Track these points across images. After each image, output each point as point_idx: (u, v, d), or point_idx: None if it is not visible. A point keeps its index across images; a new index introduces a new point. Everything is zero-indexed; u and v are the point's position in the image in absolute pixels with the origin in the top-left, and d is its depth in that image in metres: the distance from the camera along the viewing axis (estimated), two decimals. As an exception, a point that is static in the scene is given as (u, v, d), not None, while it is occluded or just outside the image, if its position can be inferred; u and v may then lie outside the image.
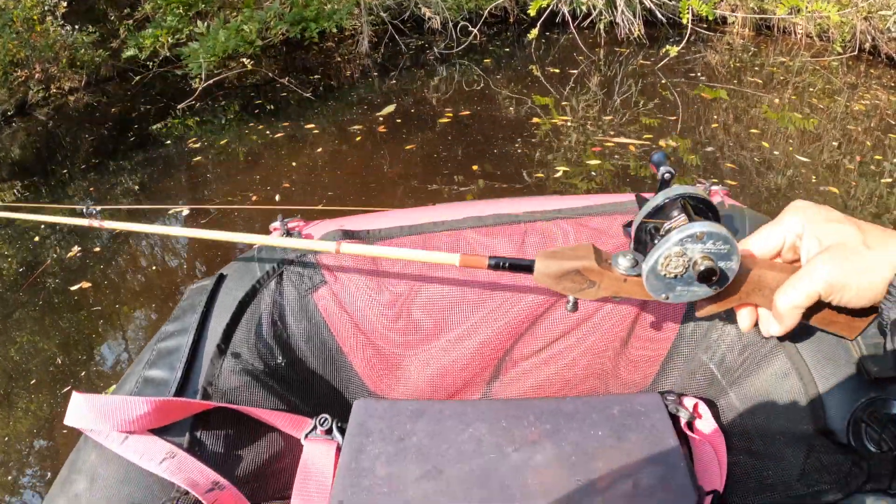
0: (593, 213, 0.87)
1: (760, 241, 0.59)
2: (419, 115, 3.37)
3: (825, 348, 0.66)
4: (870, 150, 2.68)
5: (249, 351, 0.79)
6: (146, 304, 2.06)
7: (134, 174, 2.96)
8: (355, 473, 0.64)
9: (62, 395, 1.72)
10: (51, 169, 3.07)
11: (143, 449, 0.64)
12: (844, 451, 0.59)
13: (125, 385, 0.73)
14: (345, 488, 0.63)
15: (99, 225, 0.90)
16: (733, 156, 2.71)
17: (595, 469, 0.63)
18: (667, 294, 0.58)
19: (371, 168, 2.81)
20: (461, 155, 2.87)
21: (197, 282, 0.87)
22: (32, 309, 2.05)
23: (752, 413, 0.70)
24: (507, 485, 0.62)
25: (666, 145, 2.80)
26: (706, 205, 0.59)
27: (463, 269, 0.83)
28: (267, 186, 2.72)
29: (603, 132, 2.97)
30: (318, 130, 3.26)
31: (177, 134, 3.37)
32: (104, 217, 0.91)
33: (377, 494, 0.62)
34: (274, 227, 0.92)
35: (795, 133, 2.89)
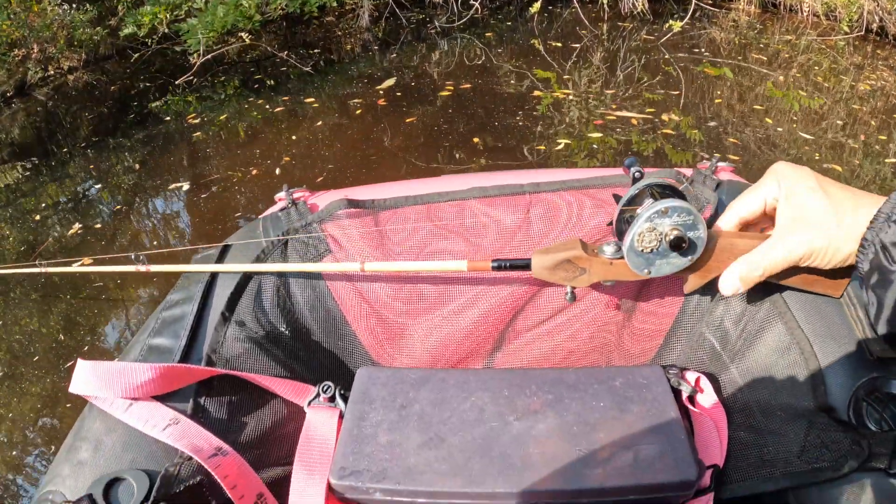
0: (597, 185, 0.87)
1: (743, 205, 0.65)
2: (420, 88, 3.35)
3: (827, 326, 0.66)
4: (874, 130, 2.66)
5: (253, 320, 0.79)
6: (148, 280, 2.06)
7: (134, 151, 2.95)
8: (357, 440, 0.64)
9: (65, 370, 1.72)
10: (51, 149, 3.06)
11: (147, 416, 0.65)
12: (845, 428, 0.58)
13: (130, 353, 0.74)
14: (346, 455, 0.63)
15: (146, 270, 0.92)
16: (737, 132, 2.69)
17: (597, 439, 0.63)
18: (648, 269, 0.66)
19: (371, 141, 2.80)
20: (462, 128, 2.85)
21: (202, 252, 0.87)
22: (34, 287, 2.06)
23: (753, 388, 0.70)
24: (508, 454, 0.62)
25: (668, 119, 2.78)
26: (671, 189, 0.67)
27: (467, 241, 0.83)
28: (267, 160, 2.71)
29: (605, 106, 2.95)
30: (318, 104, 3.24)
31: (176, 110, 3.36)
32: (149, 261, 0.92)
33: (379, 461, 0.62)
34: (279, 197, 0.92)
35: (800, 111, 2.87)
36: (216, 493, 0.63)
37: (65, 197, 2.61)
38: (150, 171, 2.75)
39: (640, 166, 0.70)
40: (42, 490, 0.62)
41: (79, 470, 0.62)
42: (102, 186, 2.67)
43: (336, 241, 0.83)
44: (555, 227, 0.83)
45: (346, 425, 0.66)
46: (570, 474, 0.60)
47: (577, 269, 0.70)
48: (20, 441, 1.57)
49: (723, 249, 0.66)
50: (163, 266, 0.90)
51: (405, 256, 0.83)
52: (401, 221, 0.85)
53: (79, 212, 2.48)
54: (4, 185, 2.74)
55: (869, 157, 2.45)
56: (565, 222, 0.83)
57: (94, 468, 0.62)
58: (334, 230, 0.84)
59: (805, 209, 0.57)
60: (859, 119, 2.77)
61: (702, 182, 0.86)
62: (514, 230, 0.83)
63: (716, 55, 3.67)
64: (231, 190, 2.53)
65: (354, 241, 0.83)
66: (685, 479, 0.60)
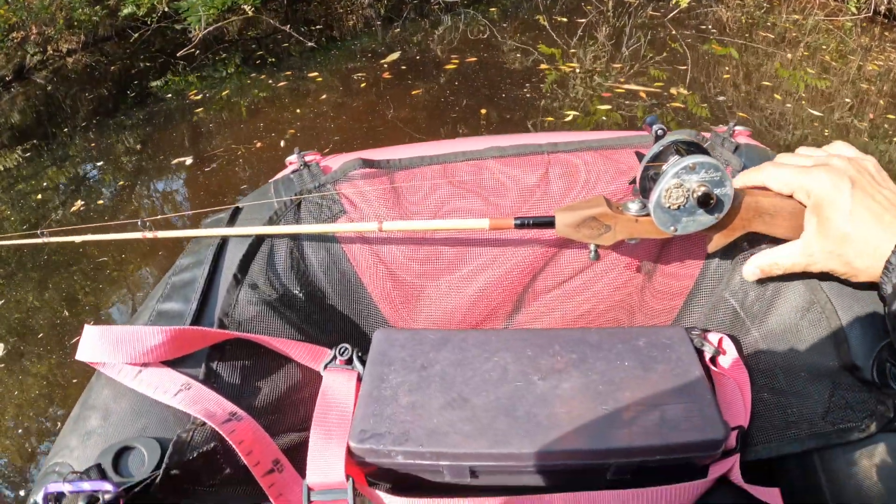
0: (616, 146, 0.85)
1: (776, 175, 0.64)
2: (424, 62, 3.32)
3: (848, 284, 0.65)
4: (883, 110, 2.63)
5: (266, 282, 0.77)
6: (151, 253, 2.05)
7: (136, 130, 2.93)
8: (377, 402, 0.63)
9: (70, 345, 1.72)
10: (52, 132, 3.04)
11: (158, 382, 0.63)
12: (870, 389, 0.58)
13: (139, 319, 0.72)
14: (367, 417, 0.62)
15: (153, 236, 0.88)
16: (745, 107, 2.67)
17: (622, 398, 0.62)
18: (674, 226, 0.66)
19: (377, 113, 2.79)
20: (469, 100, 2.83)
21: (212, 215, 0.85)
22: (36, 264, 2.04)
23: (774, 349, 0.69)
24: (533, 413, 0.61)
25: (677, 93, 2.75)
26: (696, 146, 0.66)
27: (485, 200, 0.81)
28: (272, 133, 2.70)
29: (612, 80, 2.92)
30: (322, 79, 3.22)
31: (178, 89, 3.34)
32: (156, 228, 0.90)
33: (400, 423, 0.61)
34: (290, 161, 0.90)
35: (808, 90, 2.84)
36: (230, 459, 0.61)
37: (66, 177, 2.60)
38: (152, 149, 2.74)
39: (661, 124, 0.69)
40: (49, 462, 0.60)
41: (87, 440, 0.60)
42: (104, 165, 2.65)
43: (351, 201, 0.81)
44: (574, 186, 0.81)
45: (364, 387, 0.65)
46: (597, 434, 0.59)
47: (601, 227, 0.69)
48: (25, 419, 1.56)
49: (748, 208, 0.66)
50: (171, 231, 0.87)
51: (423, 216, 0.81)
52: (417, 181, 0.83)
53: (81, 190, 2.47)
54: (4, 169, 2.72)
55: (876, 138, 2.42)
56: (585, 181, 0.81)
57: (102, 437, 0.60)
58: (349, 191, 0.82)
59: (829, 231, 0.57)
60: (867, 100, 2.75)
61: (720, 144, 0.84)
62: (532, 189, 0.81)
63: (722, 34, 3.62)
64: (235, 163, 2.51)
65: (370, 202, 0.81)
66: (712, 439, 0.59)
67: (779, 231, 0.68)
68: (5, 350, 1.74)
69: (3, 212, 2.38)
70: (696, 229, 0.66)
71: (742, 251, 0.76)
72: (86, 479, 0.55)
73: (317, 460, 0.61)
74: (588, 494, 0.59)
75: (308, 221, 0.81)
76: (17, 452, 1.48)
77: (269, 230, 0.78)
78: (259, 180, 2.30)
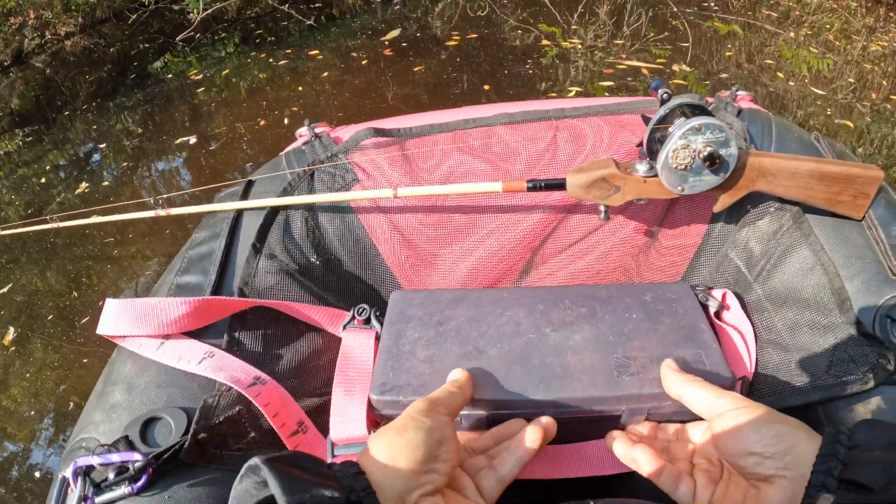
0: (622, 111, 0.87)
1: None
2: (425, 39, 3.29)
3: (850, 247, 0.67)
4: (886, 91, 2.62)
5: (284, 252, 0.78)
6: (157, 234, 2.05)
7: (137, 111, 2.91)
8: (396, 357, 0.65)
9: (80, 325, 1.72)
10: (51, 116, 3.01)
11: (181, 352, 0.64)
12: (871, 343, 0.59)
13: (157, 294, 0.73)
14: (386, 370, 0.63)
15: (165, 213, 0.90)
16: (748, 85, 2.65)
17: (632, 348, 0.64)
18: (682, 185, 0.68)
19: (379, 90, 2.77)
20: (471, 75, 2.82)
21: (224, 190, 0.86)
22: (43, 247, 2.05)
23: (778, 308, 0.70)
24: (547, 362, 0.63)
25: (679, 69, 2.74)
26: (701, 108, 0.68)
27: (496, 165, 0.83)
28: (274, 111, 2.69)
29: (614, 56, 2.91)
30: (323, 57, 3.20)
31: (177, 70, 3.30)
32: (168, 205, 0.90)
33: (419, 375, 0.63)
34: (300, 133, 0.91)
35: (811, 68, 2.83)
36: (255, 423, 0.63)
37: (68, 160, 2.58)
38: (154, 129, 2.72)
39: (666, 88, 0.71)
40: (75, 438, 0.61)
41: (112, 413, 0.61)
42: (106, 147, 2.64)
43: (363, 170, 0.83)
44: (582, 150, 0.83)
45: (383, 344, 0.67)
46: (610, 381, 0.60)
47: (611, 188, 0.71)
48: (37, 402, 1.57)
49: (752, 168, 0.68)
50: (184, 208, 0.88)
51: (435, 182, 0.82)
52: (429, 149, 0.84)
53: (84, 173, 2.45)
54: (6, 154, 2.71)
55: (878, 121, 2.40)
56: (592, 145, 0.83)
57: (128, 410, 0.61)
58: (361, 160, 0.83)
59: None
60: (871, 81, 2.73)
61: (724, 108, 0.87)
62: (541, 154, 0.83)
63: (725, 11, 3.60)
64: (239, 141, 2.51)
65: (383, 170, 0.82)
66: (719, 385, 0.60)
67: (780, 190, 0.70)
68: (15, 333, 1.74)
69: (6, 197, 2.38)
70: (703, 189, 0.69)
71: (747, 212, 0.78)
72: (114, 451, 0.56)
73: (339, 415, 0.63)
74: (596, 443, 0.61)
75: (322, 191, 0.82)
76: (30, 434, 1.50)
77: (284, 201, 0.79)
78: (264, 157, 2.29)
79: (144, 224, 2.09)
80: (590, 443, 0.62)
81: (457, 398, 0.53)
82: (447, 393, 0.53)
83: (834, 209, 0.70)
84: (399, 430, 0.46)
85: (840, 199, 0.69)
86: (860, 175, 0.68)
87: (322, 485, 0.38)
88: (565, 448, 0.61)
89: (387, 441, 0.44)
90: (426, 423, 0.47)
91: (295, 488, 0.36)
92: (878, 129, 2.34)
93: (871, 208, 0.69)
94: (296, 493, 0.36)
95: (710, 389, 0.52)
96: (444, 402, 0.51)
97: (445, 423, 0.48)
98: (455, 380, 0.57)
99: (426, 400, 0.50)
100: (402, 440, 0.44)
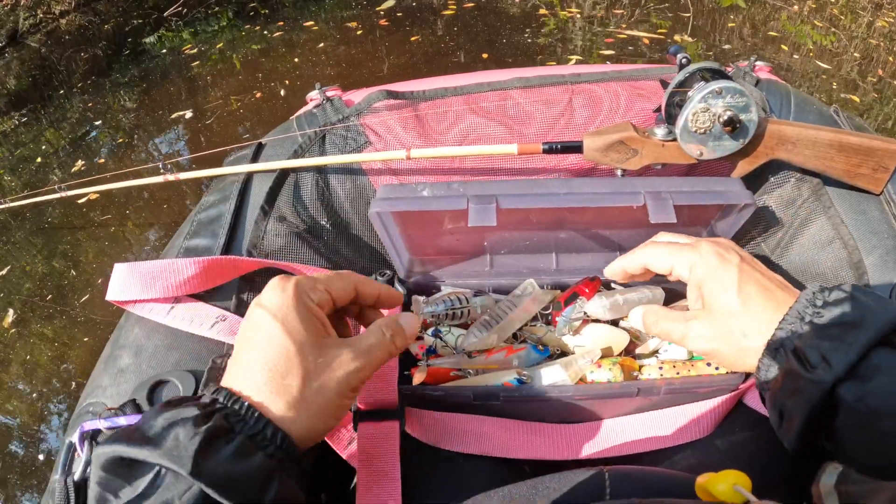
0: (639, 77, 0.85)
1: (641, 260, 0.54)
2: (421, 8, 3.24)
3: (868, 221, 0.67)
4: (892, 67, 2.59)
5: (294, 214, 0.77)
6: (156, 209, 2.03)
7: (132, 87, 2.88)
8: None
9: (80, 304, 1.71)
10: (48, 95, 2.97)
11: (192, 315, 0.63)
12: None
13: (166, 257, 0.72)
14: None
15: (174, 178, 0.89)
16: (752, 57, 2.62)
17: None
18: (700, 150, 0.67)
19: (376, 60, 2.75)
20: (469, 45, 2.79)
21: (234, 153, 0.84)
22: (39, 227, 2.03)
23: (797, 280, 0.70)
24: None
25: (681, 40, 2.71)
26: (721, 72, 0.67)
27: (510, 128, 0.81)
28: (271, 83, 2.66)
29: (614, 25, 2.87)
30: (318, 28, 3.16)
31: (172, 45, 3.27)
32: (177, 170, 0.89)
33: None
34: (310, 97, 0.89)
35: (815, 43, 2.79)
36: None
37: (65, 140, 2.56)
38: (150, 105, 2.69)
39: (686, 53, 0.70)
40: (82, 404, 0.60)
41: (120, 378, 0.60)
42: (102, 124, 2.61)
43: (376, 132, 0.81)
44: (598, 115, 0.81)
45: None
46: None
47: (628, 151, 0.70)
48: (38, 381, 1.57)
49: (772, 136, 0.67)
50: (193, 172, 0.87)
51: (449, 145, 0.81)
52: (442, 111, 0.83)
53: (81, 151, 2.43)
54: (3, 135, 2.68)
55: (881, 101, 2.38)
56: (609, 111, 0.82)
57: (136, 374, 0.60)
58: (373, 122, 0.81)
59: (714, 306, 0.48)
60: (877, 57, 2.69)
61: (742, 77, 0.85)
62: (557, 118, 0.81)
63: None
64: (236, 114, 2.48)
65: (395, 132, 0.80)
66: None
67: (800, 159, 0.69)
68: (15, 315, 1.73)
69: (3, 177, 2.35)
70: (722, 154, 0.67)
71: (766, 181, 0.77)
72: (121, 415, 0.55)
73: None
74: (609, 422, 0.61)
75: (333, 154, 0.81)
76: (32, 415, 1.50)
77: (295, 163, 0.78)
78: (261, 129, 2.27)
79: (143, 201, 2.08)
80: (601, 422, 0.61)
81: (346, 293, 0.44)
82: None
83: (853, 181, 0.69)
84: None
85: (859, 171, 0.68)
86: (880, 148, 0.67)
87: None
88: (577, 428, 0.61)
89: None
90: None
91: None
92: (882, 108, 2.32)
93: (889, 182, 0.68)
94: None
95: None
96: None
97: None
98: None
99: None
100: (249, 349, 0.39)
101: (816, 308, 0.42)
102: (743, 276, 0.47)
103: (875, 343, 0.38)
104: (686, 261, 0.50)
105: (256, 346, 0.38)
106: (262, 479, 0.34)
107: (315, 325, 0.39)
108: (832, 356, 0.39)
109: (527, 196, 0.58)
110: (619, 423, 0.60)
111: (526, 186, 0.59)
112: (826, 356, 0.39)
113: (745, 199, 0.59)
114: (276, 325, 0.38)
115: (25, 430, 1.47)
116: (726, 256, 0.48)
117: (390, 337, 0.42)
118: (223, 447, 0.33)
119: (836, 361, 0.38)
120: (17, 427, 1.48)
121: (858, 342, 0.38)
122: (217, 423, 0.34)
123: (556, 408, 0.60)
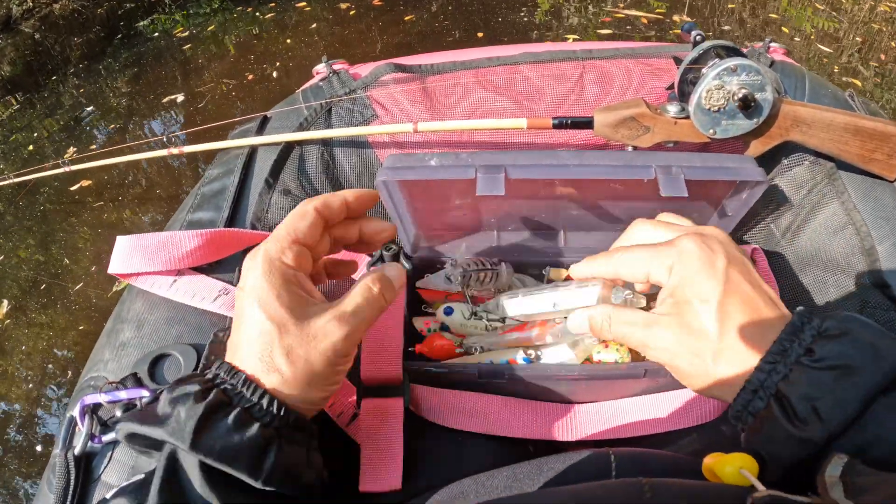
0: (651, 55, 0.84)
1: (613, 266, 0.47)
2: (414, -13, 3.22)
3: (881, 208, 0.66)
4: (894, 52, 2.58)
5: (299, 188, 0.77)
6: (152, 194, 2.01)
7: (125, 71, 2.86)
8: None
9: (75, 292, 1.70)
10: (42, 80, 2.94)
11: (195, 289, 0.63)
12: None
13: (169, 230, 0.71)
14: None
15: (178, 151, 0.89)
16: (752, 38, 2.60)
17: None
18: (713, 129, 0.66)
19: (371, 40, 2.73)
20: (464, 23, 2.77)
21: (238, 127, 0.83)
22: (33, 215, 2.01)
23: (806, 266, 0.70)
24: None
25: (680, 20, 2.69)
26: (735, 50, 0.66)
27: (519, 103, 0.80)
28: (263, 65, 2.64)
29: (611, 5, 2.85)
30: (310, 9, 3.13)
31: (164, 28, 3.24)
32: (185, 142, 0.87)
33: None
34: (317, 70, 0.88)
35: (816, 26, 2.77)
36: None
37: (59, 125, 2.54)
38: (142, 88, 2.67)
39: (700, 30, 0.69)
40: (83, 378, 0.60)
41: (121, 352, 0.60)
42: (95, 109, 2.59)
43: (383, 105, 0.80)
44: (609, 91, 0.81)
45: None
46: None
47: (640, 128, 0.69)
48: (35, 370, 1.56)
49: (786, 116, 0.66)
50: (199, 145, 0.86)
51: (457, 119, 0.80)
52: (451, 85, 0.81)
53: (73, 136, 2.41)
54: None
55: (882, 87, 2.36)
56: (620, 88, 0.81)
57: (137, 348, 0.60)
58: (381, 95, 0.81)
59: (686, 319, 0.40)
60: (879, 42, 2.68)
61: (756, 58, 0.83)
62: (567, 94, 0.80)
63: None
64: (228, 96, 2.47)
65: (403, 105, 0.79)
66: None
67: (815, 142, 0.68)
68: (9, 306, 1.71)
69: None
70: (735, 133, 0.66)
71: (780, 164, 0.76)
72: (122, 389, 0.55)
73: (371, 355, 0.59)
74: (612, 403, 0.60)
75: (339, 127, 0.80)
76: (29, 404, 1.49)
77: (300, 136, 0.77)
78: (255, 110, 2.24)
79: (138, 187, 2.06)
80: (606, 403, 0.61)
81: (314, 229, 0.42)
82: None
83: (867, 167, 0.68)
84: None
85: (874, 156, 0.67)
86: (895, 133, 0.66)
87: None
88: (582, 408, 0.60)
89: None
90: None
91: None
92: (882, 94, 2.31)
93: None
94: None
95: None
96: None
97: None
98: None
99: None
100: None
101: (805, 344, 0.36)
102: (728, 286, 0.39)
103: (877, 393, 0.33)
104: (664, 265, 0.42)
105: (243, 328, 0.39)
106: (259, 447, 0.35)
107: (293, 295, 0.39)
108: (825, 411, 0.33)
109: (537, 167, 0.57)
110: (624, 405, 0.60)
111: (536, 157, 0.58)
112: (818, 409, 0.33)
113: (758, 177, 0.57)
114: (255, 308, 0.38)
115: (22, 416, 1.47)
116: (711, 258, 0.40)
117: (378, 291, 0.41)
118: (221, 420, 0.35)
119: (829, 417, 0.33)
120: (14, 413, 1.48)
121: (858, 394, 0.33)
122: (216, 397, 0.36)
123: (562, 388, 0.59)
